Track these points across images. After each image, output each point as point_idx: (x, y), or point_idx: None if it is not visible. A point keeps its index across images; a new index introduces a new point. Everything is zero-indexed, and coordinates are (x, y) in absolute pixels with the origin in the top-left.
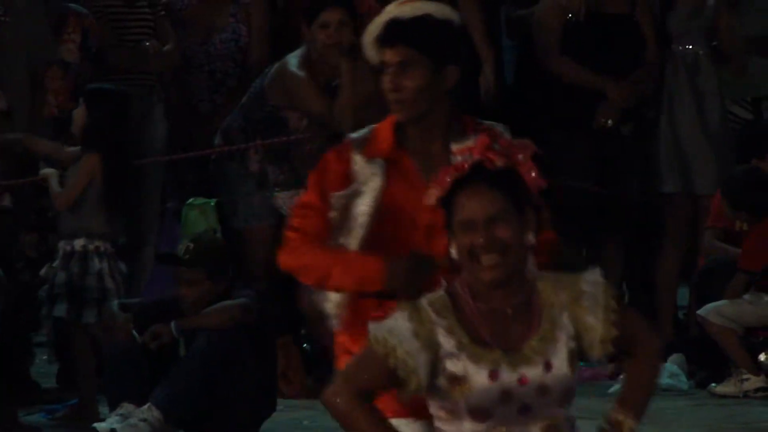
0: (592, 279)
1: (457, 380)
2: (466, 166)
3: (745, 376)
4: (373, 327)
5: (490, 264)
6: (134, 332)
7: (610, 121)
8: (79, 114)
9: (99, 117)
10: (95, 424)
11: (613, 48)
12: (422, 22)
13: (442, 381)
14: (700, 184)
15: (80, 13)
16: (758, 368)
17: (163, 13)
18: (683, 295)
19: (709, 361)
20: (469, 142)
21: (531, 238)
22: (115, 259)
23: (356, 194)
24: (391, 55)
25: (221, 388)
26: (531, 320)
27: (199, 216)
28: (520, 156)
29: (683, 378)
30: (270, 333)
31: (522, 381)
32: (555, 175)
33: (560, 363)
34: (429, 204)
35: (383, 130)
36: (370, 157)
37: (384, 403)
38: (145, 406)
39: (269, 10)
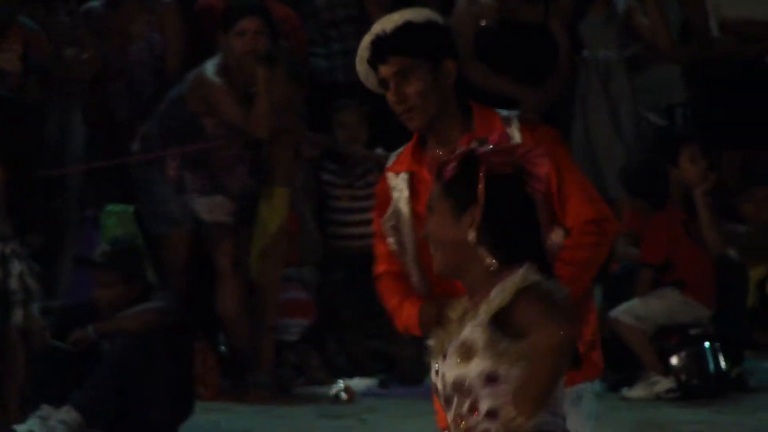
0: (518, 272)
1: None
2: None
3: (654, 378)
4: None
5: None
6: (50, 336)
7: None
8: None
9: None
10: (15, 426)
11: (526, 55)
12: (406, 29)
13: None
14: (612, 189)
15: (23, 25)
16: (667, 369)
17: (81, 22)
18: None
19: (620, 364)
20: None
21: (471, 236)
22: (28, 260)
23: (396, 213)
24: (386, 70)
25: (138, 391)
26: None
27: (118, 223)
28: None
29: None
30: (187, 336)
31: (435, 372)
32: None
33: (452, 356)
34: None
35: (412, 141)
36: (397, 173)
37: None
38: (64, 408)
39: (182, 19)
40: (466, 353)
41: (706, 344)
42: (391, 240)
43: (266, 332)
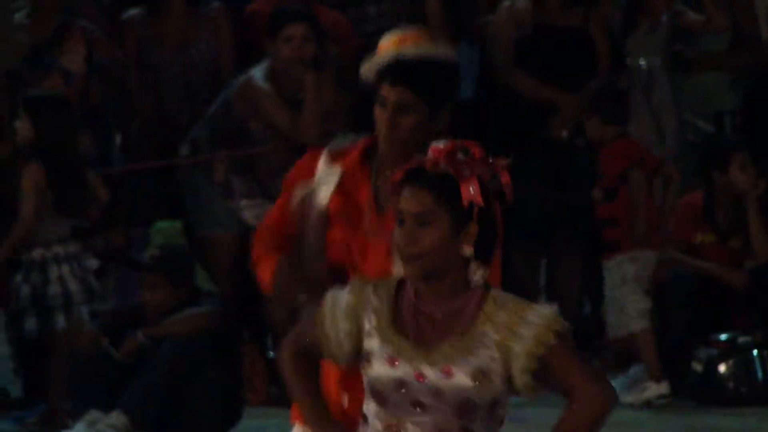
0: (542, 311)
1: (365, 357)
2: (414, 163)
3: (646, 384)
4: (329, 292)
5: (406, 260)
6: (101, 339)
7: (564, 132)
8: (24, 125)
9: (47, 125)
10: (63, 431)
11: (565, 61)
12: (426, 65)
13: (362, 357)
14: (658, 197)
15: (86, 27)
16: (711, 376)
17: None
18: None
19: (670, 371)
20: (440, 144)
21: (467, 250)
22: (79, 260)
23: (315, 188)
24: (391, 93)
25: (186, 395)
26: (455, 328)
27: (167, 238)
28: (467, 171)
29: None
30: (234, 341)
31: (418, 377)
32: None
33: (463, 375)
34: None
35: (357, 149)
36: (332, 164)
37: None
38: (113, 413)
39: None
40: (486, 378)
41: (755, 352)
42: (294, 204)
43: None
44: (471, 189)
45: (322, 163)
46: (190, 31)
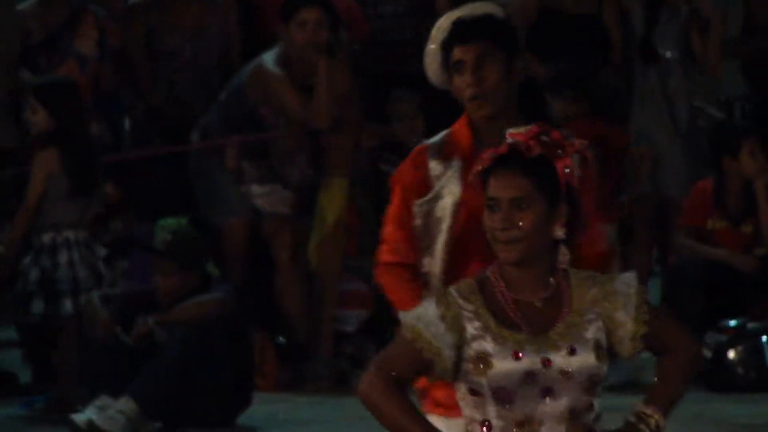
0: (627, 280)
1: (481, 360)
2: (503, 149)
3: None
4: (403, 314)
5: (505, 244)
6: (115, 326)
7: None
8: (39, 114)
9: (63, 111)
10: (73, 416)
11: (577, 46)
12: (490, 18)
13: (467, 365)
14: (670, 186)
15: (97, 12)
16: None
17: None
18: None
19: None
20: (522, 129)
21: (560, 232)
22: (89, 246)
23: (436, 198)
24: (466, 52)
25: (197, 381)
26: (559, 310)
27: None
28: (559, 150)
29: (650, 373)
30: (246, 327)
31: (545, 363)
32: None
33: (585, 350)
34: (468, 182)
35: (459, 131)
36: (447, 160)
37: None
38: (122, 399)
39: (241, 9)
40: (602, 351)
41: (764, 338)
42: (417, 222)
43: (325, 323)
44: (566, 169)
45: (432, 166)
46: (201, 17)
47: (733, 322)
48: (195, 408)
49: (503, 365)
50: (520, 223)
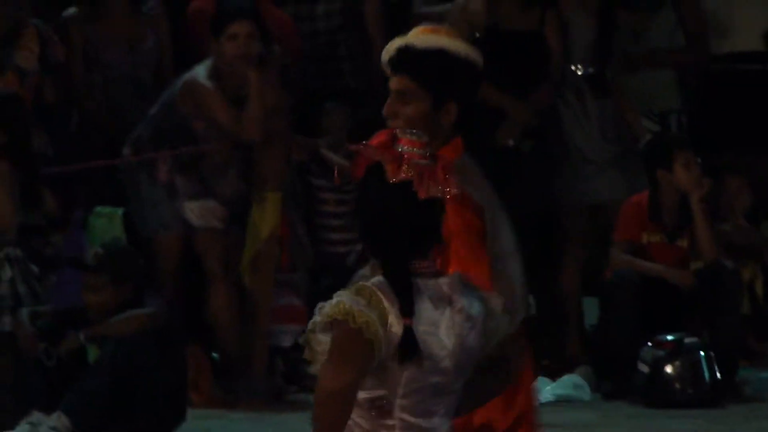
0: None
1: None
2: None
3: None
4: (332, 310)
5: None
6: (39, 343)
7: (511, 141)
8: None
9: (12, 124)
10: None
11: (518, 64)
12: (431, 54)
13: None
14: (604, 195)
15: (39, 25)
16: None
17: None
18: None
19: (614, 373)
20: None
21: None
22: (25, 264)
23: None
24: (394, 83)
25: (129, 396)
26: None
27: (106, 225)
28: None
29: (587, 389)
30: (178, 341)
31: None
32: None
33: None
34: None
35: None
36: None
37: None
38: (55, 414)
39: (171, 23)
40: None
41: (701, 353)
42: None
43: (259, 338)
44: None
45: None
46: (136, 29)
47: (670, 337)
48: (128, 423)
49: None
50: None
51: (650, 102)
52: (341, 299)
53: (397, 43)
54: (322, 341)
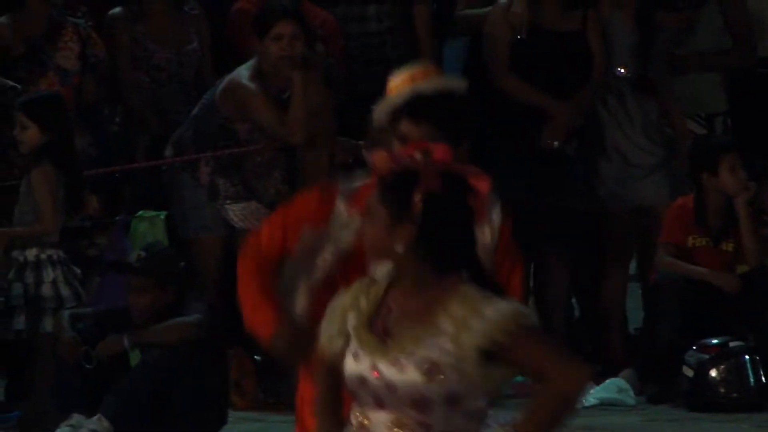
0: (500, 306)
1: (342, 353)
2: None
3: None
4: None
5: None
6: (81, 345)
7: (555, 143)
8: (29, 131)
9: (53, 126)
10: None
11: (561, 66)
12: (445, 100)
13: None
14: (649, 199)
15: (77, 24)
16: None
17: (91, 23)
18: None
19: (660, 376)
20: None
21: (400, 248)
22: (68, 266)
23: (326, 239)
24: (414, 130)
25: (171, 400)
26: (417, 324)
27: (149, 228)
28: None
29: (631, 393)
30: (221, 345)
31: (374, 373)
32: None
33: (413, 370)
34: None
35: (371, 190)
36: (350, 213)
37: None
38: (95, 417)
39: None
40: (433, 371)
41: (746, 357)
42: (298, 246)
43: None
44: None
45: (340, 209)
46: (180, 29)
47: (715, 341)
48: (168, 427)
49: (348, 364)
50: (366, 230)
51: (696, 104)
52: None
53: (406, 90)
54: None
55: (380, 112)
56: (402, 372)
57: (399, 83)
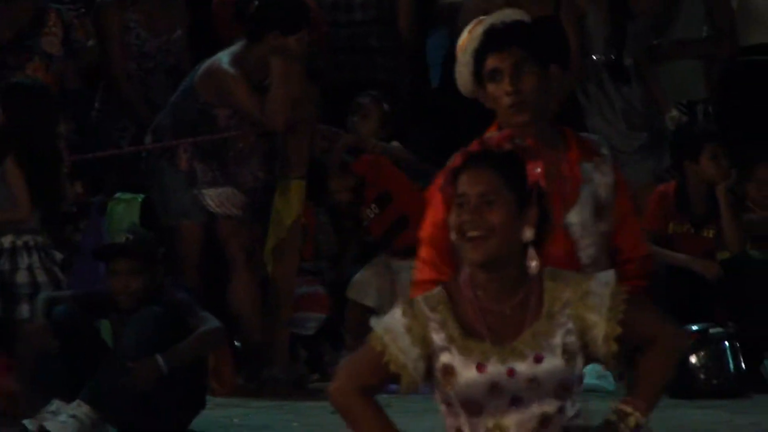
0: (604, 280)
1: (447, 372)
2: (474, 146)
3: None
4: (373, 322)
5: (472, 242)
6: (50, 332)
7: None
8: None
9: (17, 113)
10: (24, 421)
11: None
12: (523, 25)
13: (437, 374)
14: (631, 184)
15: (59, 10)
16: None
17: (83, 10)
18: None
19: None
20: (497, 133)
21: (529, 233)
22: (47, 251)
23: None
24: (502, 60)
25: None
26: (529, 316)
27: (124, 211)
28: (531, 153)
29: (610, 378)
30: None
31: (510, 373)
32: None
33: (552, 357)
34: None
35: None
36: None
37: None
38: (74, 403)
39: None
40: (571, 355)
41: (726, 343)
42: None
43: (281, 327)
44: (536, 169)
45: None
46: (169, 18)
47: (695, 327)
48: (147, 411)
49: (468, 377)
50: (488, 219)
51: (677, 92)
52: (377, 330)
53: (479, 29)
54: None
55: (461, 74)
56: (541, 363)
57: (466, 36)
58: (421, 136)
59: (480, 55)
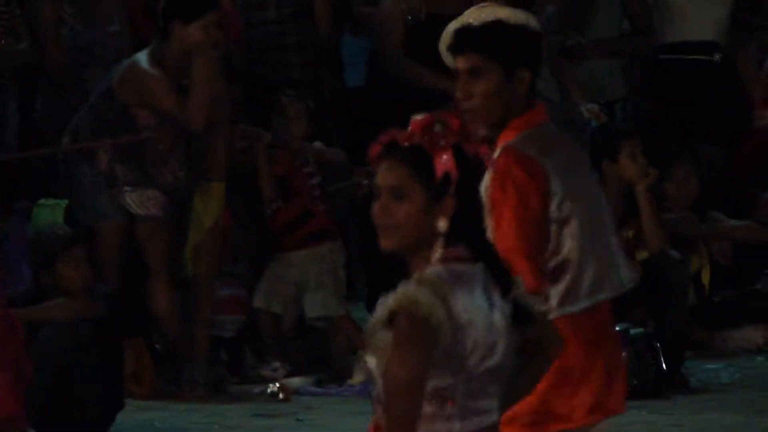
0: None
1: None
2: (385, 138)
3: None
4: (397, 300)
5: (382, 231)
6: None
7: None
8: None
9: None
10: None
11: None
12: (491, 27)
13: None
14: None
15: None
16: None
17: (19, 12)
18: None
19: None
20: (422, 116)
21: (442, 224)
22: None
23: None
24: (461, 63)
25: (65, 384)
26: None
27: (50, 215)
28: (441, 142)
29: None
30: (115, 330)
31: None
32: None
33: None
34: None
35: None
36: None
37: None
38: None
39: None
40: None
41: (647, 344)
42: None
43: (201, 329)
44: (443, 160)
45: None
46: (106, 12)
47: (616, 328)
48: (63, 413)
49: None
50: (396, 214)
51: (595, 91)
52: (406, 289)
53: (453, 26)
54: (384, 337)
55: (442, 54)
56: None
57: (449, 27)
58: (339, 136)
59: (450, 54)
